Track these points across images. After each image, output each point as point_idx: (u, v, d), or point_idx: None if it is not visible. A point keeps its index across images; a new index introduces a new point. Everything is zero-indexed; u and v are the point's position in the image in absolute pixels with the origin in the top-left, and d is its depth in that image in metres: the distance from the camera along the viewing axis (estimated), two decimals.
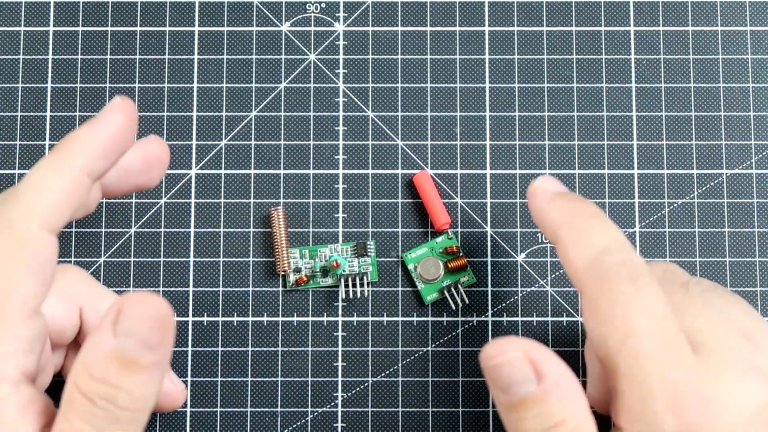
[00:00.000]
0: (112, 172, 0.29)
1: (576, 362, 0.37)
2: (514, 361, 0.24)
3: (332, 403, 0.37)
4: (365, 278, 0.37)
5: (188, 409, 0.36)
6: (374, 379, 0.37)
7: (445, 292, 0.36)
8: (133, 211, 0.38)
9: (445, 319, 0.37)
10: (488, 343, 0.25)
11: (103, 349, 0.23)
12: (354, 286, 0.36)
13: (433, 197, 0.37)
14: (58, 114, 0.38)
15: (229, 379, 0.37)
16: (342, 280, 0.36)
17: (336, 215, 0.38)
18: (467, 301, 0.37)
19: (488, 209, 0.38)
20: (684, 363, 0.25)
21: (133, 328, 0.23)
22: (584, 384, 0.27)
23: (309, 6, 0.39)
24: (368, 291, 0.37)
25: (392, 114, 0.39)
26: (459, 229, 0.38)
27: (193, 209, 0.38)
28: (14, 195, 0.26)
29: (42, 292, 0.25)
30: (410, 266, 0.37)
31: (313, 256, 0.37)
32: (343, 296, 0.37)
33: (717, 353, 0.26)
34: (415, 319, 0.37)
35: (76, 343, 0.33)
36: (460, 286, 0.37)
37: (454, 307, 0.37)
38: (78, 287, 0.32)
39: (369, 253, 0.37)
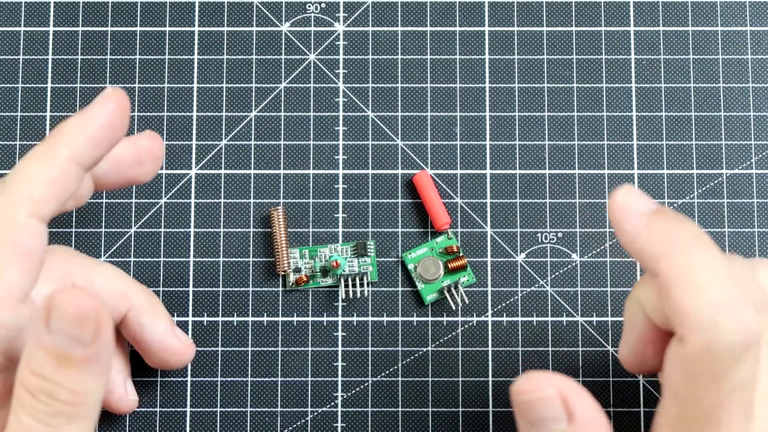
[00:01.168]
0: (103, 164, 0.29)
1: (576, 362, 0.37)
2: (548, 399, 0.24)
3: (332, 403, 0.37)
4: (365, 278, 0.37)
5: (188, 409, 0.36)
6: (374, 379, 0.37)
7: (445, 292, 0.36)
8: (133, 211, 0.38)
9: (445, 319, 0.37)
10: (521, 376, 0.24)
11: (40, 344, 0.23)
12: (354, 286, 0.36)
13: (433, 197, 0.37)
14: (58, 114, 0.38)
15: (229, 379, 0.37)
16: (342, 280, 0.36)
17: (336, 215, 0.38)
18: (467, 301, 0.37)
19: (488, 209, 0.38)
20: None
21: (62, 324, 0.23)
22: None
23: (309, 6, 0.39)
24: (368, 291, 0.37)
25: (392, 114, 0.39)
26: (459, 229, 0.38)
27: (193, 209, 0.38)
28: (2, 183, 0.26)
29: (29, 279, 0.25)
30: (410, 266, 0.37)
31: (313, 256, 0.37)
32: (343, 296, 0.37)
33: None
34: (415, 319, 0.37)
35: None
36: (460, 286, 0.36)
37: (453, 307, 0.37)
38: (66, 266, 0.32)
39: (369, 253, 0.37)
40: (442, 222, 0.37)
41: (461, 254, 0.37)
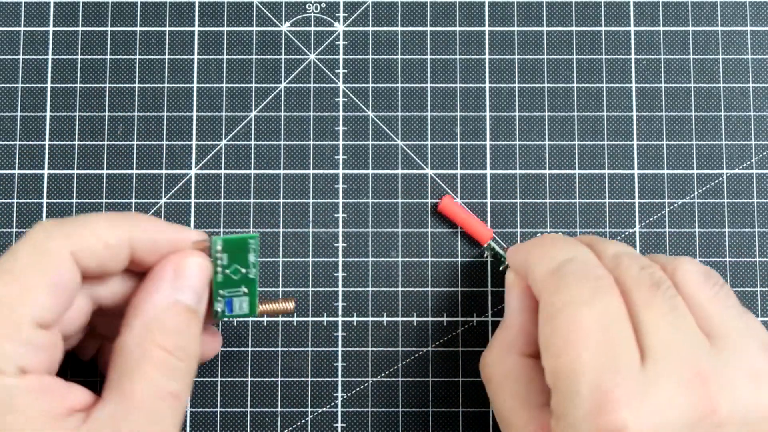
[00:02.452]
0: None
1: None
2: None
3: (332, 403, 0.37)
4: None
5: (188, 409, 0.36)
6: (374, 379, 0.37)
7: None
8: (134, 212, 0.38)
9: (445, 319, 0.37)
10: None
11: (169, 303, 0.26)
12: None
13: (467, 219, 0.37)
14: (58, 114, 0.38)
15: (229, 379, 0.37)
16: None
17: (336, 215, 0.38)
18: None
19: (488, 209, 0.38)
20: (620, 370, 0.24)
21: (191, 282, 0.27)
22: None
23: (309, 6, 0.39)
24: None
25: (392, 114, 0.39)
26: (459, 229, 0.38)
27: (193, 209, 0.38)
28: (60, 224, 0.27)
29: (58, 310, 0.26)
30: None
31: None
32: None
33: (660, 358, 0.25)
34: (415, 319, 0.37)
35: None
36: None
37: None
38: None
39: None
40: (486, 234, 0.37)
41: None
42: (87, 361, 0.34)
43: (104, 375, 0.27)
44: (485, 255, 0.36)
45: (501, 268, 0.37)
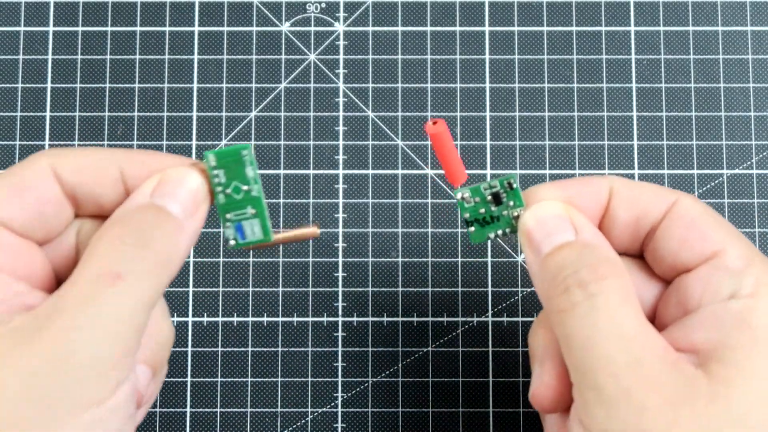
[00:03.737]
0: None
1: None
2: (559, 214, 0.25)
3: (332, 404, 0.37)
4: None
5: (188, 410, 0.36)
6: (374, 380, 0.37)
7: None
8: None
9: (445, 319, 0.37)
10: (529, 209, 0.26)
11: (141, 204, 0.25)
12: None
13: (452, 150, 0.29)
14: (58, 114, 0.38)
15: (229, 380, 0.37)
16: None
17: (336, 215, 0.38)
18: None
19: None
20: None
21: (172, 189, 0.25)
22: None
23: (309, 6, 0.39)
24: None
25: (392, 114, 0.39)
26: (459, 229, 0.38)
27: None
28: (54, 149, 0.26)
29: (24, 216, 0.25)
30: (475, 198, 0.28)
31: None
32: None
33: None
34: (415, 319, 0.37)
35: None
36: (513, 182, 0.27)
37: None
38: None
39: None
40: (461, 178, 0.28)
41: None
42: None
43: None
44: (458, 197, 0.28)
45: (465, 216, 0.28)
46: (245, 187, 0.27)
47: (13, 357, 0.22)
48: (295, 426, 0.36)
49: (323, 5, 0.39)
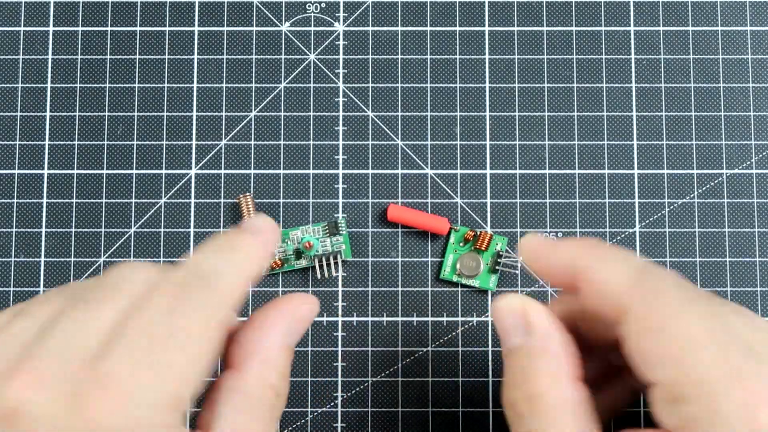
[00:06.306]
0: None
1: None
2: (512, 309, 0.26)
3: (332, 403, 0.37)
4: (338, 257, 0.37)
5: (188, 410, 0.36)
6: (374, 379, 0.37)
7: (499, 267, 0.37)
8: (133, 211, 0.38)
9: (445, 319, 0.37)
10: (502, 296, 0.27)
11: (282, 345, 0.26)
12: (328, 265, 0.37)
13: (419, 217, 0.37)
14: (58, 114, 0.38)
15: None
16: (316, 261, 0.37)
17: (336, 215, 0.38)
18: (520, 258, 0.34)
19: (488, 209, 0.38)
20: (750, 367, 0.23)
21: (301, 327, 0.27)
22: None
23: (309, 6, 0.39)
24: (340, 269, 0.37)
25: (392, 114, 0.39)
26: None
27: (192, 209, 0.38)
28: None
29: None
30: (454, 278, 0.37)
31: (285, 240, 0.37)
32: (319, 276, 0.37)
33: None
34: (415, 319, 0.37)
35: None
36: (502, 253, 0.37)
37: (518, 268, 0.37)
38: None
39: (341, 232, 0.37)
40: (443, 226, 0.37)
41: (478, 231, 0.37)
42: None
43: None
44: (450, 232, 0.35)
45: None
46: None
47: None
48: (295, 425, 0.36)
49: (323, 5, 0.39)
